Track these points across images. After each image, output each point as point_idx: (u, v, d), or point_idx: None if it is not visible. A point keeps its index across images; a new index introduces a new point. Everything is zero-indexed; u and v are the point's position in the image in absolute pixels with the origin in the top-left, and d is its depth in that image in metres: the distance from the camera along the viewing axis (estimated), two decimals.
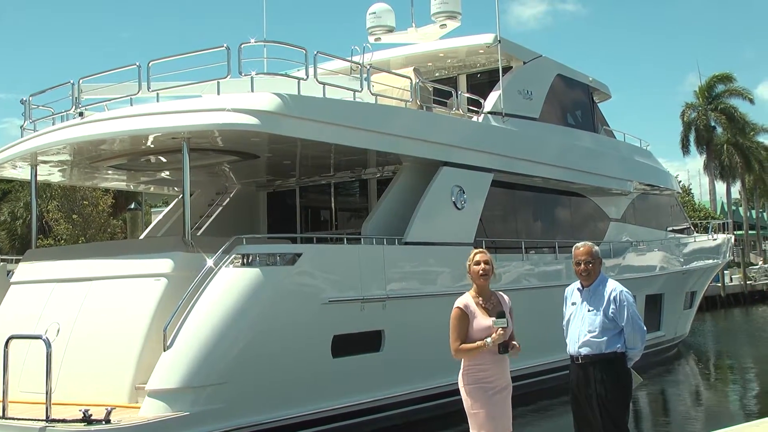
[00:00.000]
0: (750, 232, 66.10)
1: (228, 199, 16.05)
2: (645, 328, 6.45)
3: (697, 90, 58.91)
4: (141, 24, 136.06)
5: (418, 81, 13.88)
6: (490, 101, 15.58)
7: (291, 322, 10.59)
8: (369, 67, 12.88)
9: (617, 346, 6.29)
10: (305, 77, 11.40)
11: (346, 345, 11.19)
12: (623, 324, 6.28)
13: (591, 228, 18.52)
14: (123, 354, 9.89)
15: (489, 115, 15.39)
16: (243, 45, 10.88)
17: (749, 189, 62.09)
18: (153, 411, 9.17)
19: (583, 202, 18.42)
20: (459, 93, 15.51)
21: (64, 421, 8.51)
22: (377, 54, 16.83)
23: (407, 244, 12.55)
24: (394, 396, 11.88)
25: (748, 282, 47.08)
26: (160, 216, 16.82)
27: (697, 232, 26.40)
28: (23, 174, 13.91)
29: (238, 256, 10.34)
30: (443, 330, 6.25)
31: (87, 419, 8.40)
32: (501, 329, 5.98)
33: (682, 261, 21.74)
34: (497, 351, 6.03)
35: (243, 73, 10.89)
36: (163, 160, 12.49)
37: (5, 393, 9.09)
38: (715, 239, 25.10)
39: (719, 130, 58.40)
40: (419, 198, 13.03)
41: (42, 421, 8.58)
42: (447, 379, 8.99)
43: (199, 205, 15.55)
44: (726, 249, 25.55)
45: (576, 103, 18.91)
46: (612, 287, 6.38)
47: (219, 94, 10.91)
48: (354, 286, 11.50)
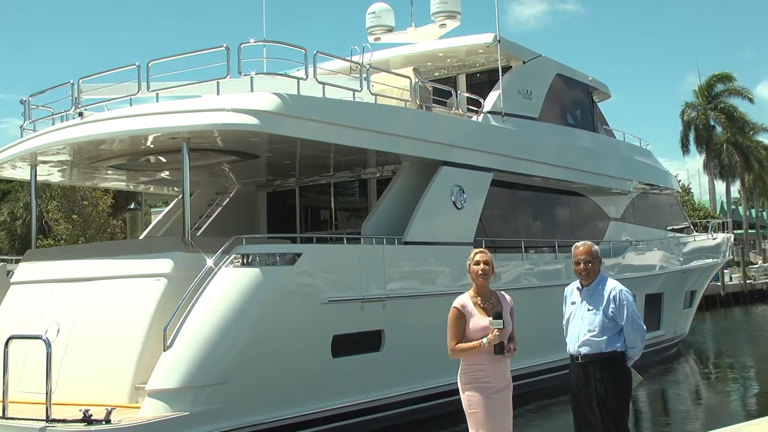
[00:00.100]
0: (749, 231, 66.12)
1: (228, 199, 16.05)
2: (645, 327, 6.46)
3: (697, 89, 58.93)
4: (141, 24, 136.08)
5: (417, 81, 13.88)
6: (489, 101, 15.58)
7: (291, 322, 10.59)
8: (368, 67, 12.88)
9: (617, 345, 6.30)
10: (305, 77, 11.41)
11: (346, 345, 11.19)
12: (623, 323, 6.29)
13: (591, 227, 18.52)
14: (123, 354, 9.89)
15: (489, 115, 15.39)
16: (242, 45, 10.88)
17: (749, 188, 62.09)
18: (153, 411, 9.17)
19: (583, 201, 18.42)
20: (458, 93, 15.50)
21: (64, 421, 8.52)
22: (377, 54, 16.84)
23: (407, 243, 12.55)
24: (393, 396, 11.88)
25: (747, 281, 47.03)
26: (159, 216, 16.82)
27: (697, 231, 26.40)
28: (23, 174, 13.91)
29: (237, 256, 10.34)
30: (443, 330, 6.25)
31: (87, 419, 8.41)
32: (497, 330, 5.98)
33: (681, 260, 21.74)
34: (493, 352, 6.03)
35: (243, 73, 10.88)
36: (163, 160, 12.50)
37: (5, 393, 9.09)
38: (715, 238, 25.10)
39: (719, 129, 58.40)
40: (419, 198, 13.03)
41: (42, 421, 8.59)
42: (447, 379, 8.98)
43: (199, 205, 15.55)
44: (725, 248, 25.55)
45: (575, 103, 18.91)
46: (611, 286, 6.38)
47: (219, 94, 10.91)
48: (354, 285, 11.50)
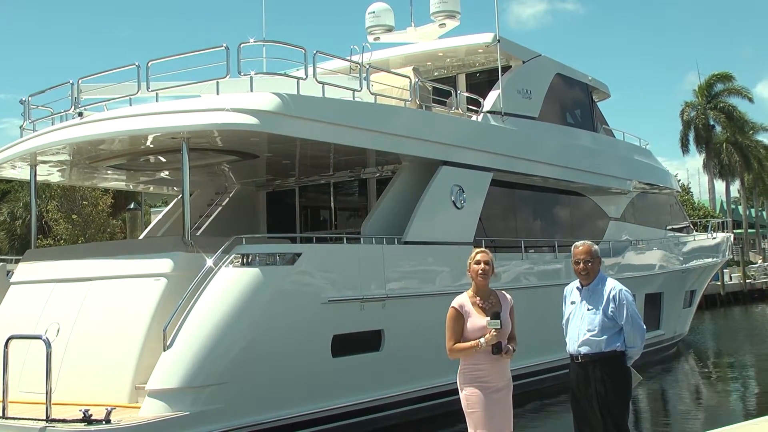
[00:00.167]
0: (749, 230, 66.21)
1: (227, 199, 16.05)
2: (644, 326, 6.45)
3: (697, 89, 59.02)
4: (140, 24, 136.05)
5: (417, 80, 13.88)
6: (489, 100, 15.58)
7: (291, 321, 10.59)
8: (368, 67, 12.87)
9: (617, 344, 6.30)
10: (304, 77, 11.40)
11: (345, 344, 11.19)
12: (623, 323, 6.28)
13: (590, 227, 18.52)
14: (123, 354, 9.89)
15: (488, 115, 15.39)
16: (242, 45, 10.87)
17: (748, 187, 62.12)
18: (153, 411, 9.17)
19: (583, 201, 18.42)
20: (458, 92, 15.50)
21: (64, 421, 8.52)
22: (376, 53, 16.84)
23: (407, 243, 12.55)
24: (393, 395, 11.88)
25: (747, 280, 47.01)
26: (159, 216, 16.82)
27: (697, 230, 26.41)
28: (22, 174, 13.91)
29: (237, 255, 10.34)
30: (443, 329, 6.24)
31: (87, 419, 8.41)
32: (494, 330, 5.98)
33: (681, 260, 21.74)
34: (491, 352, 6.03)
35: (242, 73, 10.88)
36: (163, 159, 12.50)
37: (5, 393, 9.10)
38: (715, 238, 25.11)
39: (718, 128, 58.47)
40: (419, 197, 13.03)
41: (42, 421, 8.59)
42: (446, 379, 8.99)
43: (199, 205, 15.56)
44: (725, 247, 25.55)
45: (575, 102, 18.91)
46: (611, 286, 6.38)
47: (218, 93, 10.91)
48: (353, 285, 11.51)
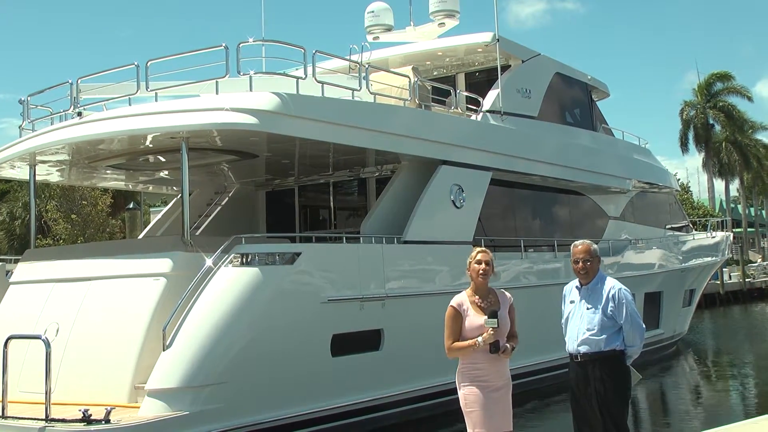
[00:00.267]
0: (749, 229, 66.22)
1: (227, 199, 16.05)
2: (644, 325, 6.45)
3: (696, 88, 58.99)
4: (140, 24, 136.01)
5: (416, 80, 13.87)
6: (488, 100, 15.58)
7: (290, 321, 10.59)
8: (367, 66, 12.86)
9: (616, 344, 6.30)
10: (304, 76, 11.39)
11: (345, 344, 11.19)
12: (622, 322, 6.28)
13: (590, 226, 18.52)
14: (122, 354, 9.89)
15: (488, 114, 15.39)
16: (241, 44, 10.86)
17: (748, 186, 62.10)
18: (152, 411, 9.17)
19: (582, 200, 18.42)
20: (457, 92, 15.52)
21: (63, 421, 8.51)
22: (376, 53, 16.83)
23: (406, 243, 12.55)
24: (393, 395, 11.88)
25: (746, 279, 47.01)
26: (159, 215, 16.82)
27: (696, 229, 26.42)
28: (22, 174, 13.90)
29: (237, 255, 10.34)
30: (442, 329, 6.25)
31: (86, 419, 8.40)
32: (491, 329, 5.97)
33: (680, 259, 21.75)
34: (489, 351, 6.03)
35: (241, 73, 10.87)
36: (162, 159, 12.50)
37: (5, 393, 9.08)
38: (714, 237, 25.12)
39: (718, 128, 58.45)
40: (418, 197, 13.03)
41: (41, 421, 8.58)
42: (446, 378, 8.98)
43: (198, 205, 15.56)
44: (725, 246, 25.56)
45: (574, 102, 18.91)
46: (610, 285, 6.38)
47: (217, 93, 10.90)
48: (353, 285, 11.50)
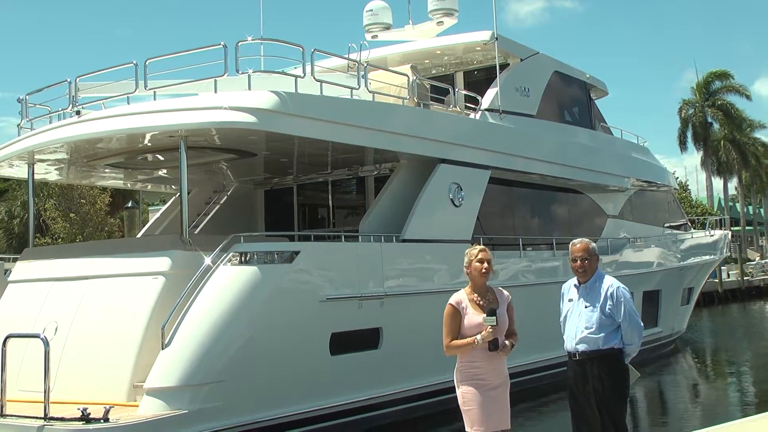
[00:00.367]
0: (747, 227, 66.21)
1: (225, 197, 16.04)
2: (642, 324, 6.45)
3: (695, 86, 58.97)
4: (140, 24, 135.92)
5: (415, 78, 13.87)
6: (487, 98, 15.58)
7: (289, 319, 10.59)
8: (366, 65, 12.86)
9: (614, 342, 6.30)
10: (302, 75, 11.38)
11: (344, 342, 11.18)
12: (620, 320, 6.29)
13: (588, 224, 18.53)
14: (121, 352, 9.89)
15: (486, 112, 15.39)
16: (240, 43, 10.86)
17: (746, 185, 62.11)
18: (151, 409, 9.16)
19: (581, 198, 18.43)
20: (456, 90, 15.50)
21: (62, 420, 8.50)
22: (374, 51, 16.80)
23: (405, 241, 12.55)
24: (392, 393, 11.88)
25: (745, 278, 47.02)
26: (157, 214, 16.80)
27: (695, 228, 26.42)
28: (20, 173, 13.89)
29: (235, 254, 10.34)
30: (441, 327, 6.25)
31: (85, 418, 8.40)
32: (490, 327, 5.98)
33: (679, 257, 21.76)
34: (488, 348, 6.04)
35: (240, 71, 10.87)
36: (161, 158, 12.50)
37: (3, 392, 9.08)
38: (712, 235, 25.15)
39: (716, 126, 58.46)
40: (417, 195, 13.03)
41: (40, 420, 8.58)
42: (445, 376, 8.99)
43: (197, 203, 15.55)
44: (723, 245, 25.59)
45: (573, 100, 18.91)
46: (609, 283, 6.39)
47: (216, 92, 10.90)
48: (352, 283, 11.51)
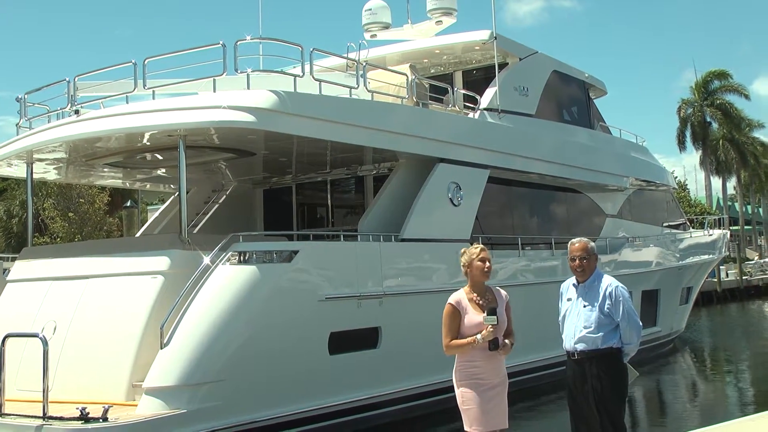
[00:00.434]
0: (746, 227, 66.25)
1: (224, 197, 16.04)
2: (641, 323, 6.45)
3: (694, 86, 58.94)
4: (139, 24, 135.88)
5: (414, 78, 13.87)
6: (486, 98, 15.58)
7: (288, 319, 10.59)
8: (365, 64, 12.86)
9: (613, 341, 6.30)
10: (301, 74, 11.38)
11: (342, 342, 11.18)
12: (619, 319, 6.29)
13: (587, 224, 18.54)
14: (120, 352, 9.88)
15: (485, 112, 15.39)
16: (239, 42, 10.86)
17: (745, 184, 62.12)
18: (150, 409, 9.16)
19: (579, 198, 18.44)
20: (455, 89, 15.50)
21: (61, 419, 8.51)
22: (373, 51, 16.80)
23: (404, 240, 12.56)
24: (391, 393, 11.88)
25: (744, 277, 47.06)
26: (156, 213, 16.80)
27: (693, 227, 26.43)
28: (19, 172, 13.89)
29: (234, 253, 10.33)
30: (440, 327, 6.25)
31: (84, 417, 8.40)
32: (490, 326, 5.99)
33: (678, 257, 21.77)
34: (488, 348, 6.05)
35: (239, 71, 10.86)
36: (159, 157, 12.49)
37: (2, 391, 9.08)
38: (711, 235, 25.13)
39: (715, 126, 58.46)
40: (415, 195, 13.03)
41: (39, 419, 8.59)
42: (444, 376, 8.99)
43: (196, 203, 15.55)
44: (722, 244, 25.58)
45: (572, 100, 18.92)
46: (607, 283, 6.39)
47: (215, 91, 10.90)
48: (351, 282, 11.51)
